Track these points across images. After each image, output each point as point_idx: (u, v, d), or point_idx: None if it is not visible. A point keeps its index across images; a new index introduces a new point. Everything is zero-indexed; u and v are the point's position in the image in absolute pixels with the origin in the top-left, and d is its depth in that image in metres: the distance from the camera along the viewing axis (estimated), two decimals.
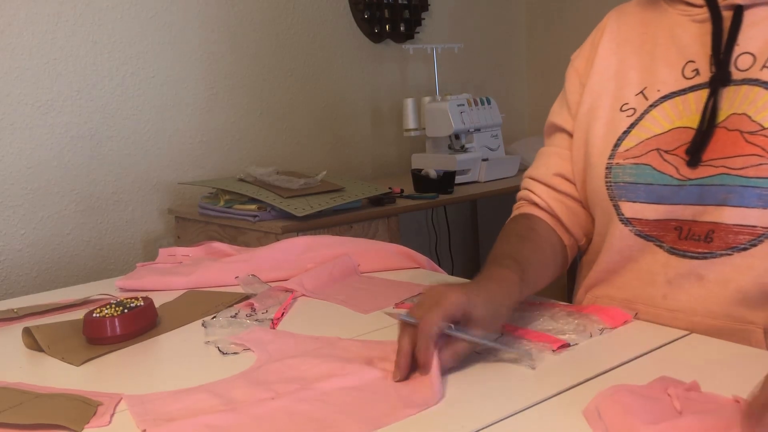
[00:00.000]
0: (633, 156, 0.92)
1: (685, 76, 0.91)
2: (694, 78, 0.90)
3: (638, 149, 0.92)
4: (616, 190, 0.93)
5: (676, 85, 0.92)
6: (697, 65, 0.91)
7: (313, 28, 2.66)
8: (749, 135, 0.83)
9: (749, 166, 0.82)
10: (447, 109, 2.43)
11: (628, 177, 0.92)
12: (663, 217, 0.89)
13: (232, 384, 0.75)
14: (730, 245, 0.84)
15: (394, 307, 0.98)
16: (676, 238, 0.89)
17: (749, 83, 0.86)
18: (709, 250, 0.86)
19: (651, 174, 0.90)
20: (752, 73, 0.86)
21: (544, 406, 0.66)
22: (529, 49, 3.33)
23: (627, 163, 0.92)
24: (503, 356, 0.78)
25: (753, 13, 0.88)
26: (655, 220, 0.90)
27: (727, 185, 0.84)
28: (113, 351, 0.88)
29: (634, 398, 0.62)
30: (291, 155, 2.63)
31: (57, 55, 2.11)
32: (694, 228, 0.87)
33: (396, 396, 0.69)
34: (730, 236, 0.84)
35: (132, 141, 2.27)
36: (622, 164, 0.92)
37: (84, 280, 1.94)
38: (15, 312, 1.05)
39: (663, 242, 0.90)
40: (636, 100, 0.95)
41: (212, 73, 2.43)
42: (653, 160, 0.90)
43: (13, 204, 2.06)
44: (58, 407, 0.70)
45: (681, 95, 0.91)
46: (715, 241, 0.85)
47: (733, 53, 0.88)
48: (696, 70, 0.91)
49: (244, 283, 1.10)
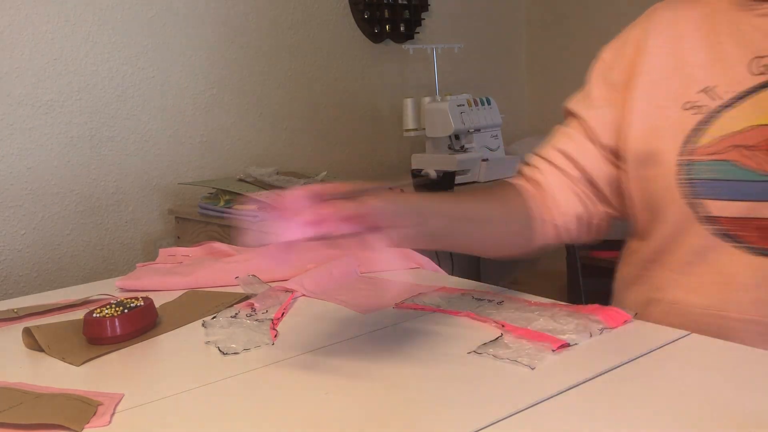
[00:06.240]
0: (714, 152, 0.88)
1: (754, 72, 0.89)
2: (765, 74, 0.87)
3: (718, 146, 0.88)
4: (696, 188, 0.89)
5: (747, 82, 0.89)
6: (766, 60, 0.88)
7: (313, 28, 2.66)
8: None
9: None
10: (447, 109, 2.43)
11: (710, 173, 0.88)
12: (746, 215, 0.85)
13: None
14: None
15: (394, 308, 0.98)
16: (758, 238, 0.85)
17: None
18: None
19: (734, 170, 0.86)
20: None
21: (544, 406, 0.66)
22: (529, 49, 3.33)
23: (707, 159, 0.88)
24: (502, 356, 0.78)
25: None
26: (737, 218, 0.86)
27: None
28: (113, 351, 0.88)
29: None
30: (291, 155, 2.63)
31: (57, 55, 2.11)
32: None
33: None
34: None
35: (132, 141, 2.27)
36: (703, 160, 0.88)
37: (84, 280, 1.94)
38: (15, 312, 1.05)
39: (745, 242, 0.86)
40: (700, 97, 0.91)
41: (212, 73, 2.43)
42: (736, 156, 0.86)
43: (13, 204, 2.07)
44: (58, 407, 0.70)
45: (754, 93, 0.88)
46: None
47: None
48: (766, 65, 0.88)
49: (244, 283, 1.10)
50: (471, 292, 1.01)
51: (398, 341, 0.86)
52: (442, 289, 1.05)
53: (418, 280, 1.12)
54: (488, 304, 0.95)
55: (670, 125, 0.92)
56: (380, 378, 0.76)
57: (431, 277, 1.15)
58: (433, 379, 0.74)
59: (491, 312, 0.92)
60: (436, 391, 0.71)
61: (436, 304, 0.97)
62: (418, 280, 1.12)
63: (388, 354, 0.82)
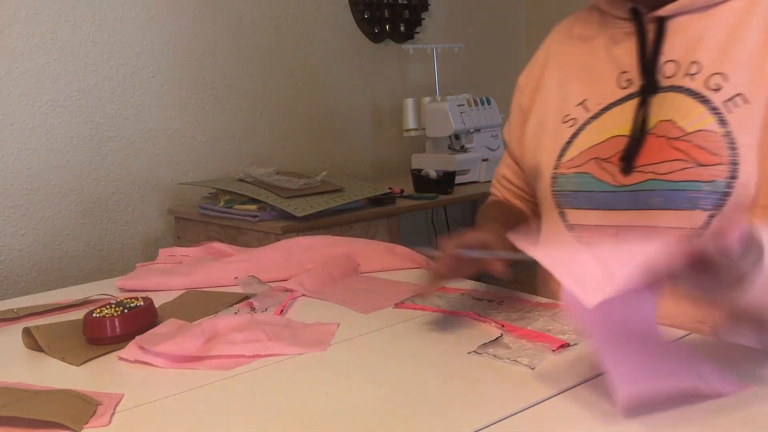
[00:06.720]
0: (575, 165, 0.96)
1: (621, 86, 0.96)
2: (628, 88, 0.95)
3: (579, 159, 0.95)
4: (561, 198, 0.97)
5: (614, 96, 0.96)
6: (629, 75, 0.95)
7: (313, 28, 2.66)
8: (674, 141, 0.87)
9: (675, 170, 0.86)
10: (447, 109, 2.43)
11: (571, 185, 0.95)
12: (602, 223, 0.93)
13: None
14: None
15: (394, 308, 0.98)
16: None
17: (674, 90, 0.90)
18: None
19: (591, 182, 0.93)
20: (676, 80, 0.90)
21: (544, 406, 0.66)
22: (529, 49, 3.33)
23: (569, 173, 0.96)
24: (502, 355, 0.78)
25: (675, 22, 0.92)
26: (595, 226, 0.93)
27: (657, 190, 0.87)
28: (113, 351, 0.88)
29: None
30: (291, 155, 2.63)
31: (57, 55, 2.11)
32: (632, 232, 0.90)
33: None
34: (665, 238, 0.87)
35: (132, 141, 2.27)
36: (566, 174, 0.96)
37: (84, 280, 1.94)
38: (15, 312, 1.05)
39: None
40: (577, 111, 0.99)
41: (212, 73, 2.43)
42: (592, 168, 0.94)
43: (13, 204, 2.07)
44: (57, 405, 0.70)
45: (618, 105, 0.95)
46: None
47: (659, 62, 0.92)
48: (629, 80, 0.95)
49: (243, 283, 1.10)
50: (471, 292, 1.02)
51: (398, 341, 0.86)
52: (442, 289, 1.05)
53: (418, 280, 1.12)
54: (488, 304, 0.95)
55: (550, 138, 1.01)
56: (380, 378, 0.76)
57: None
58: (433, 379, 0.74)
59: (491, 312, 0.92)
60: (436, 391, 0.71)
61: (436, 304, 0.97)
62: (418, 280, 1.12)
63: (388, 354, 0.82)
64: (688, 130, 0.86)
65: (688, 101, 0.88)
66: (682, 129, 0.87)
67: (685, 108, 0.87)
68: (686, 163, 0.85)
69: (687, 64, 0.90)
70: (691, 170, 0.84)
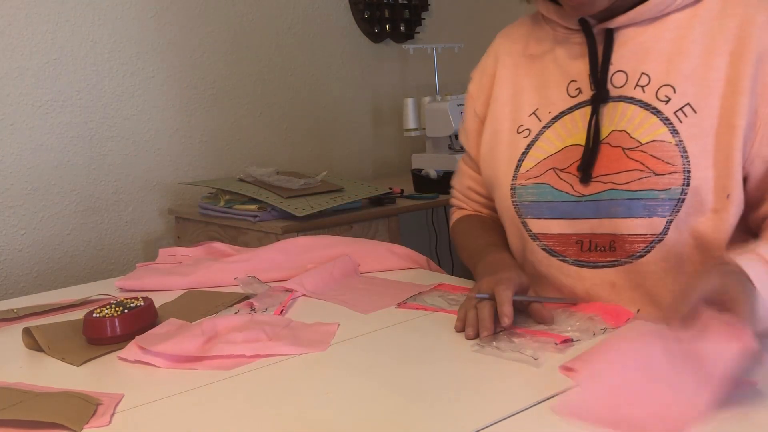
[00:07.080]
0: (533, 176, 0.97)
1: (570, 94, 0.97)
2: (578, 96, 0.96)
3: (537, 169, 0.97)
4: (521, 209, 0.98)
5: (564, 104, 0.97)
6: (579, 84, 0.96)
7: (313, 27, 2.66)
8: (630, 151, 0.89)
9: (632, 180, 0.88)
10: (447, 109, 2.43)
11: (531, 196, 0.97)
12: (565, 232, 0.94)
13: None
14: (629, 253, 0.90)
15: (396, 307, 0.98)
16: (579, 251, 0.94)
17: (625, 100, 0.91)
18: (615, 258, 0.91)
19: (550, 192, 0.95)
20: (626, 90, 0.92)
21: (544, 406, 0.66)
22: None
23: (528, 183, 0.97)
24: (507, 354, 0.78)
25: (623, 34, 0.93)
26: (558, 234, 0.95)
27: (616, 199, 0.89)
28: (113, 351, 0.88)
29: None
30: (291, 155, 2.63)
31: (57, 55, 2.11)
32: (595, 240, 0.92)
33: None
34: (627, 245, 0.90)
35: (132, 141, 2.27)
36: (524, 185, 0.97)
37: (84, 280, 1.94)
38: (15, 312, 1.05)
39: (566, 257, 0.95)
40: (530, 121, 1.00)
41: (212, 73, 2.43)
42: (551, 179, 0.95)
43: (13, 204, 2.07)
44: (58, 405, 0.70)
45: (569, 113, 0.96)
46: (618, 250, 0.91)
47: (609, 72, 0.93)
48: (579, 89, 0.96)
49: (243, 283, 1.10)
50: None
51: (398, 341, 0.86)
52: (442, 287, 1.05)
53: (418, 280, 1.12)
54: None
55: (505, 149, 1.02)
56: (380, 378, 0.76)
57: (431, 277, 1.15)
58: (433, 379, 0.74)
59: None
60: (436, 391, 0.71)
61: (436, 304, 0.97)
62: (418, 280, 1.12)
63: (388, 354, 0.82)
64: (642, 141, 0.88)
65: (640, 112, 0.90)
66: (636, 140, 0.89)
67: (638, 119, 0.90)
68: (643, 172, 0.87)
69: (637, 76, 0.91)
70: (648, 179, 0.87)
